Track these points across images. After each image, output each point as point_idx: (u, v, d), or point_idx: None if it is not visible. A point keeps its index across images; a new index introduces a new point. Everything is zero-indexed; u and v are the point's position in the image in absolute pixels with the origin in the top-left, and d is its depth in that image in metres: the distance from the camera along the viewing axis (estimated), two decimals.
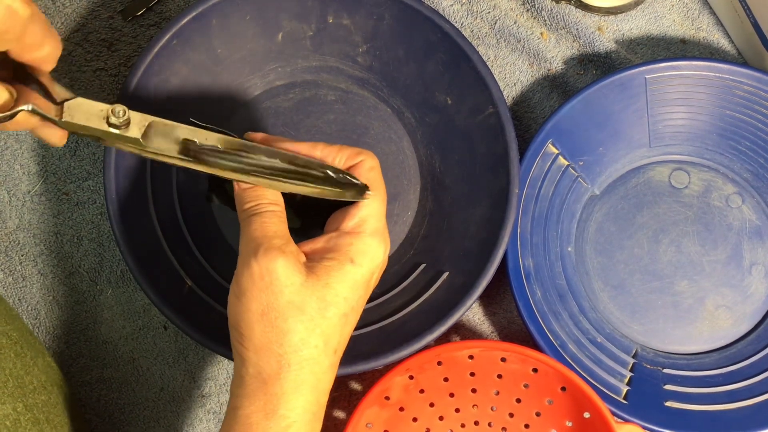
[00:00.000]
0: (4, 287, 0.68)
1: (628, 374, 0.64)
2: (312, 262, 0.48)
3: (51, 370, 0.61)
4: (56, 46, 0.48)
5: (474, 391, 0.63)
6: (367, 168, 0.52)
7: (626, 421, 0.61)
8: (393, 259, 0.65)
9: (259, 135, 0.54)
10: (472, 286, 0.59)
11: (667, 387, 0.64)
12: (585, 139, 0.67)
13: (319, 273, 0.48)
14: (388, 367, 0.59)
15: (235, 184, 0.51)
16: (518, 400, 0.63)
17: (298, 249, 0.49)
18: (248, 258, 0.47)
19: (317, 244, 0.50)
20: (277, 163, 0.51)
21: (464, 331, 0.68)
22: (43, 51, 0.47)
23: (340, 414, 0.67)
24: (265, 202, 0.50)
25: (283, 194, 0.53)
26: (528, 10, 0.71)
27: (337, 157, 0.52)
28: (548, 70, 0.70)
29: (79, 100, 0.50)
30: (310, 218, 0.56)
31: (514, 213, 0.60)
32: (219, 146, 0.51)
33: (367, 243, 0.49)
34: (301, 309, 0.47)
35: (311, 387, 0.47)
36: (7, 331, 0.58)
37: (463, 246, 0.62)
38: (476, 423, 0.64)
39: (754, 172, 0.67)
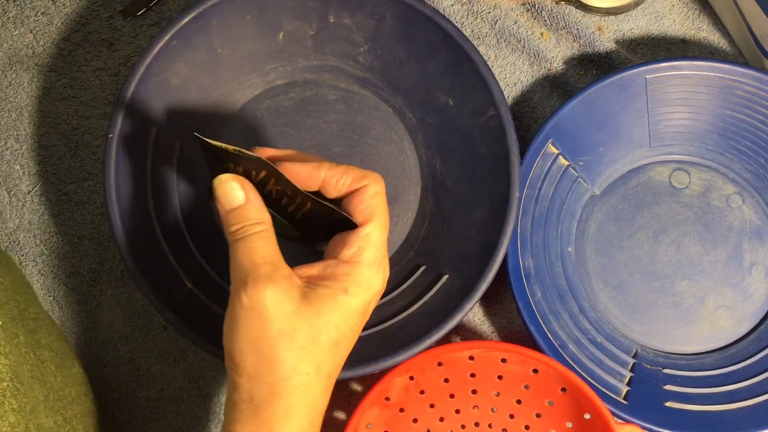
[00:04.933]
0: None
1: (628, 374, 0.64)
2: (307, 288, 0.48)
3: (82, 377, 0.62)
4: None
5: (474, 392, 0.63)
6: (371, 194, 0.51)
7: (626, 421, 0.61)
8: (393, 260, 0.65)
9: (268, 151, 0.53)
10: (472, 290, 0.59)
11: (667, 387, 0.64)
12: (585, 139, 0.67)
13: (311, 301, 0.47)
14: (388, 369, 0.59)
15: (219, 206, 0.51)
16: (518, 401, 0.63)
17: (290, 272, 0.49)
18: (238, 289, 0.47)
19: (313, 270, 0.50)
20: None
21: (464, 332, 0.68)
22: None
23: (340, 414, 0.67)
24: (250, 223, 0.49)
25: (284, 212, 0.53)
26: (528, 11, 0.70)
27: (341, 179, 0.51)
28: (548, 70, 0.70)
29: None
30: (312, 231, 0.55)
31: (514, 216, 0.60)
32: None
33: (363, 274, 0.49)
34: (292, 337, 0.46)
35: (303, 412, 0.47)
36: (49, 342, 0.58)
37: (463, 248, 0.62)
38: (476, 424, 0.64)
39: (755, 172, 0.67)
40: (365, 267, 0.49)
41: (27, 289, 0.61)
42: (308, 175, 0.52)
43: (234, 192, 0.50)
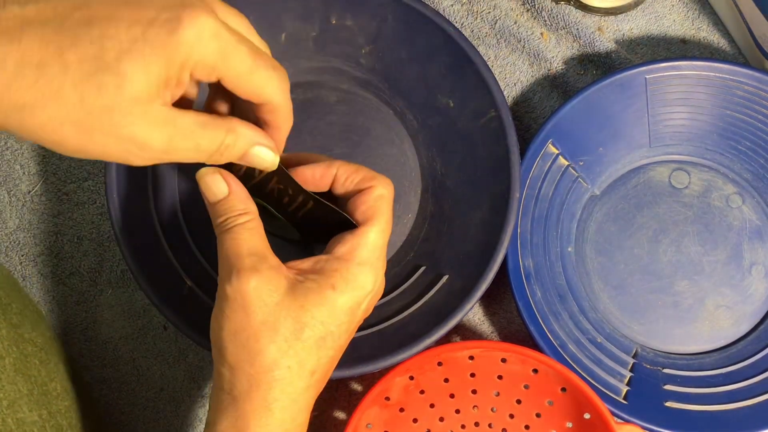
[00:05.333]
0: None
1: (628, 374, 0.64)
2: (296, 280, 0.48)
3: (68, 374, 0.62)
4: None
5: (474, 392, 0.63)
6: (375, 196, 0.51)
7: (626, 421, 0.61)
8: (393, 261, 0.65)
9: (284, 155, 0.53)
10: (472, 290, 0.59)
11: (667, 387, 0.64)
12: (585, 139, 0.67)
13: (297, 294, 0.47)
14: (388, 369, 0.59)
15: (204, 199, 0.51)
16: (518, 401, 0.63)
17: (278, 263, 0.48)
18: (223, 281, 0.47)
19: (305, 264, 0.49)
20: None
21: (464, 331, 0.68)
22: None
23: (340, 414, 0.67)
24: (234, 215, 0.49)
25: (285, 211, 0.53)
26: (528, 11, 0.71)
27: (350, 177, 0.51)
28: (548, 70, 0.70)
29: None
30: (312, 232, 0.55)
31: (514, 217, 0.60)
32: None
33: (352, 272, 0.49)
34: (275, 329, 0.46)
35: (283, 406, 0.47)
36: (33, 337, 0.58)
37: (463, 249, 0.62)
38: (476, 424, 0.64)
39: (754, 172, 0.68)
40: (356, 266, 0.49)
41: (11, 285, 0.61)
42: (322, 175, 0.52)
43: (217, 184, 0.50)
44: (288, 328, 0.46)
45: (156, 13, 0.39)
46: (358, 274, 0.49)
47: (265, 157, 0.47)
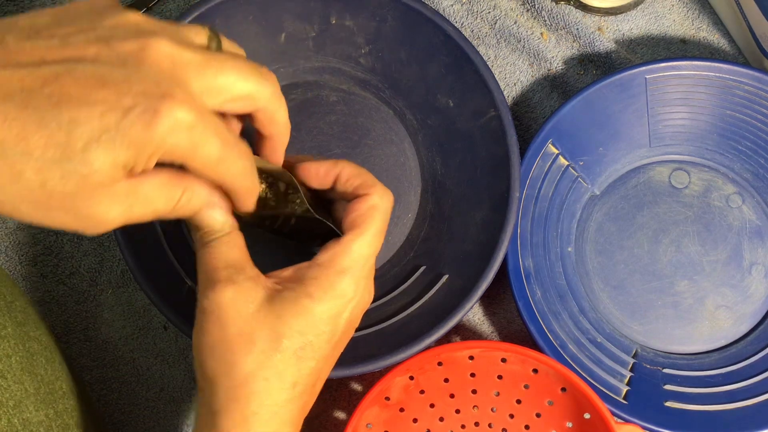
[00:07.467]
0: None
1: (628, 374, 0.64)
2: (275, 290, 0.47)
3: (70, 373, 0.62)
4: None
5: (474, 392, 0.63)
6: (368, 205, 0.50)
7: (626, 421, 0.61)
8: (393, 261, 0.65)
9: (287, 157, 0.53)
10: (472, 290, 0.59)
11: (667, 387, 0.64)
12: (585, 139, 0.67)
13: (274, 304, 0.46)
14: (388, 368, 0.59)
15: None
16: (518, 401, 0.63)
17: (257, 273, 0.47)
18: (200, 295, 0.47)
19: (286, 273, 0.49)
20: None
21: (464, 331, 0.68)
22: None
23: (340, 414, 0.67)
24: (212, 229, 0.48)
25: (272, 230, 0.53)
26: (528, 11, 0.71)
27: (351, 180, 0.51)
28: (548, 70, 0.70)
29: None
30: (305, 240, 0.55)
31: (514, 217, 0.60)
32: None
33: (330, 280, 0.47)
34: (251, 340, 0.45)
35: (263, 420, 0.45)
36: (38, 336, 0.58)
37: (463, 249, 0.62)
38: (476, 424, 0.64)
39: (755, 172, 0.68)
40: (335, 273, 0.48)
41: (12, 283, 0.61)
42: (326, 172, 0.51)
43: None
44: (264, 339, 0.45)
45: (133, 101, 0.37)
46: (337, 282, 0.47)
47: (217, 219, 0.46)
